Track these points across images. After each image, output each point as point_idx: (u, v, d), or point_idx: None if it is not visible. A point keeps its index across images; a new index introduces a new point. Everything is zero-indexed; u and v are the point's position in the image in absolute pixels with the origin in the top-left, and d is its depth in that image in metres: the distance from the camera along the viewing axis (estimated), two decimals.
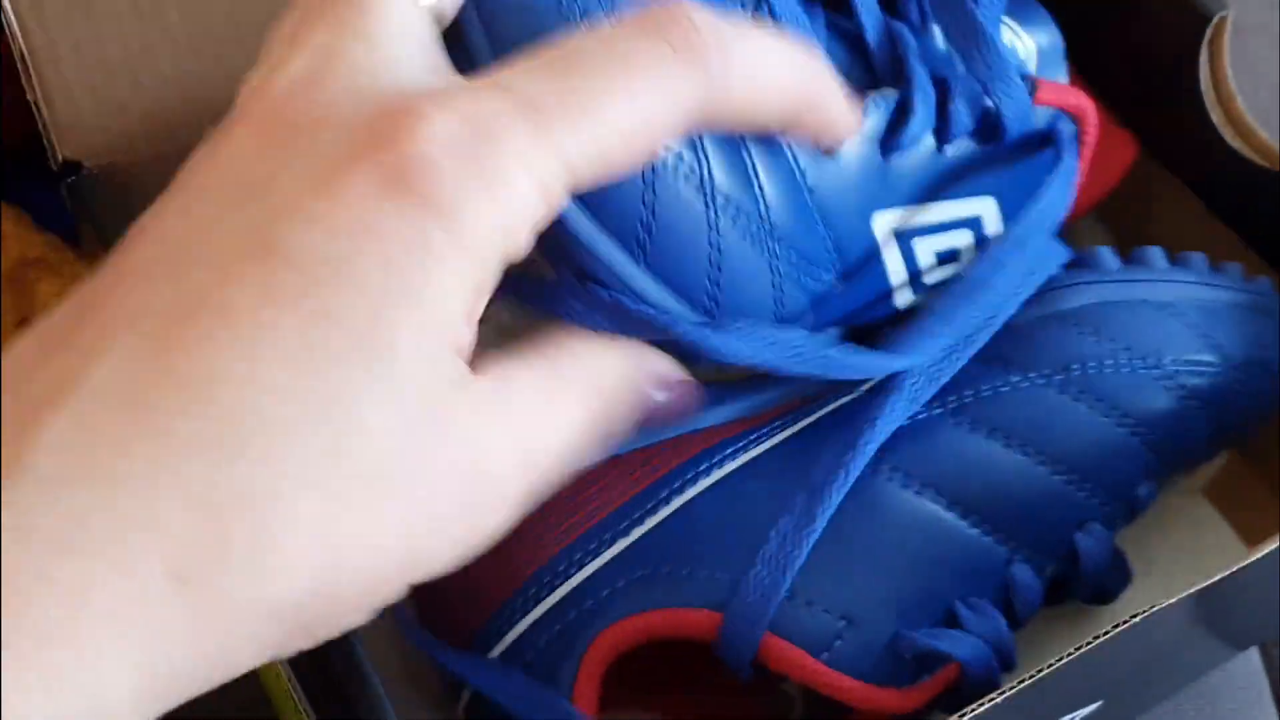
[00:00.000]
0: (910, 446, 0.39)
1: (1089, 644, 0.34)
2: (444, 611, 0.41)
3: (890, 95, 0.37)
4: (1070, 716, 0.40)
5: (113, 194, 0.39)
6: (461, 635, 0.40)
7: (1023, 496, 0.39)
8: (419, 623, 0.41)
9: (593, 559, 0.39)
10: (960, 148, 0.39)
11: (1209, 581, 0.34)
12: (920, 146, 0.38)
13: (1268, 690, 0.51)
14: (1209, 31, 0.44)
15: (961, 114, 0.38)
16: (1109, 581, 0.40)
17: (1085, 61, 0.50)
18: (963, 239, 0.39)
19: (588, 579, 0.39)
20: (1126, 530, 0.42)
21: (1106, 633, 0.34)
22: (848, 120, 0.33)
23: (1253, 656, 0.51)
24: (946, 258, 0.39)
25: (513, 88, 0.25)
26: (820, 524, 0.37)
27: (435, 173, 0.24)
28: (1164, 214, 0.50)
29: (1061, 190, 0.39)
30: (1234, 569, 0.35)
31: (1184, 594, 0.34)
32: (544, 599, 0.39)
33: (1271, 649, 0.51)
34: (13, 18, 0.35)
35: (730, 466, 0.39)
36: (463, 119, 0.25)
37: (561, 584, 0.39)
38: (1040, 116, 0.40)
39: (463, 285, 0.25)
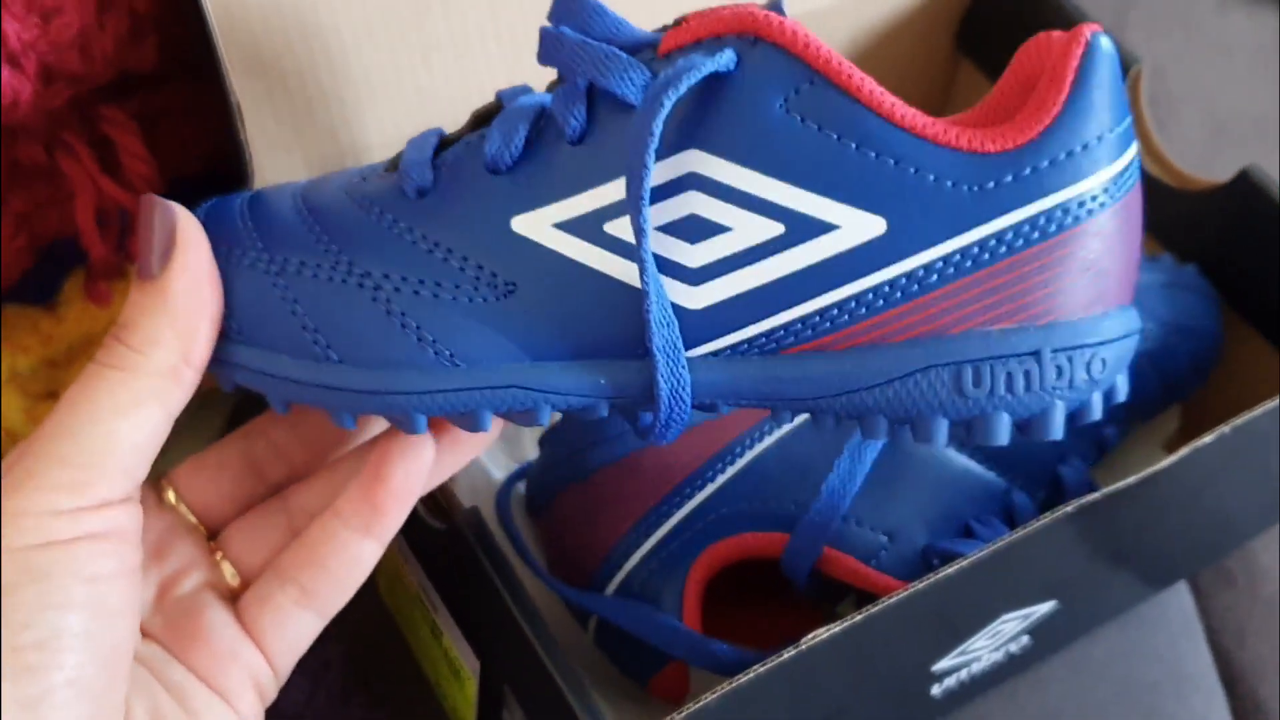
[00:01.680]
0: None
1: (992, 546, 0.42)
2: (566, 558, 0.51)
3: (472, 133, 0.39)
4: (1017, 613, 0.50)
5: None
6: (582, 575, 0.51)
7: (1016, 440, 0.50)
8: (549, 570, 0.52)
9: (687, 502, 0.50)
10: (604, 135, 0.37)
11: (1092, 496, 0.43)
12: (546, 151, 0.37)
13: (1200, 629, 0.61)
14: (1128, 81, 0.56)
15: (566, 113, 0.37)
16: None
17: None
18: (691, 203, 0.36)
19: (683, 519, 0.50)
20: (1102, 479, 0.53)
21: (1011, 536, 0.43)
22: None
23: (1185, 598, 0.61)
24: (687, 227, 0.36)
25: None
26: (868, 463, 0.48)
27: None
28: None
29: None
30: (1113, 487, 0.43)
31: (1070, 505, 0.43)
32: (650, 535, 0.50)
33: (1203, 598, 0.62)
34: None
35: (787, 428, 0.50)
36: None
37: (663, 524, 0.50)
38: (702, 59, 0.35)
39: None
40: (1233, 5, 0.81)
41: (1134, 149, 0.37)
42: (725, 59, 0.35)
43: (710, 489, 0.49)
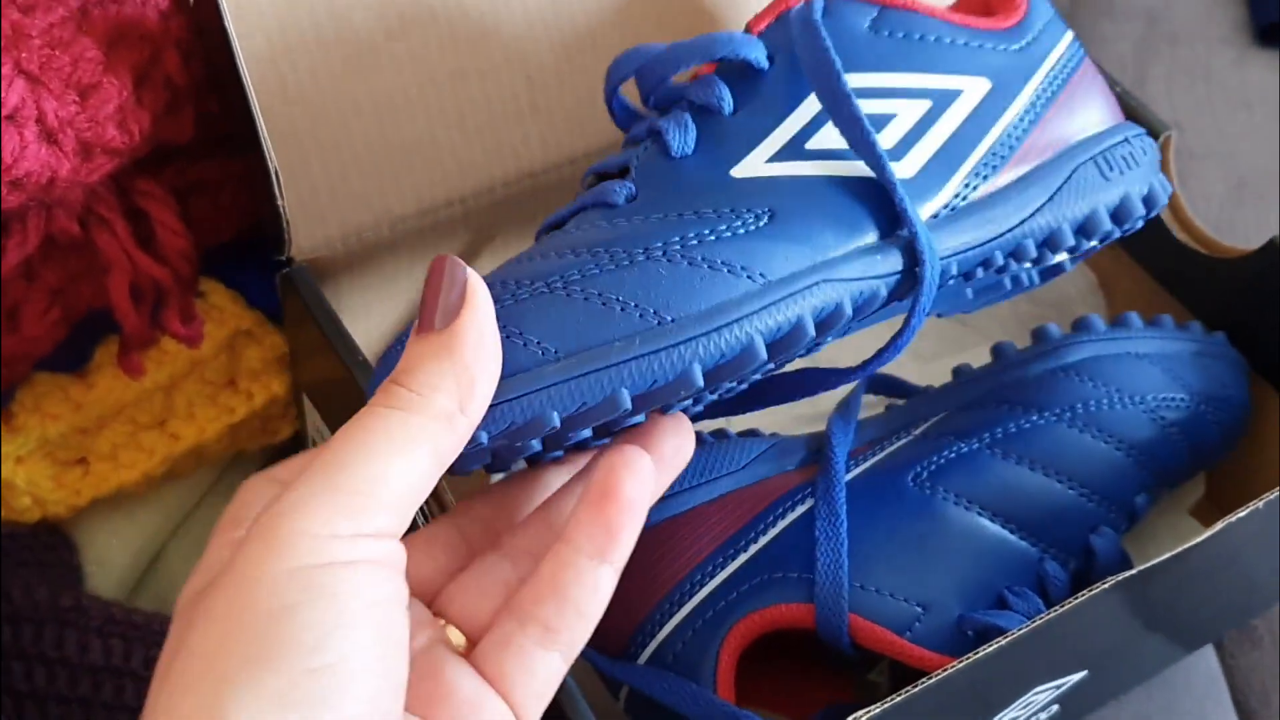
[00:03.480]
0: (959, 474, 0.50)
1: (1031, 625, 0.43)
2: (599, 626, 0.51)
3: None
4: (1049, 684, 0.50)
5: (315, 280, 0.49)
6: (615, 643, 0.50)
7: (1047, 508, 0.50)
8: None
9: (720, 571, 0.49)
10: (751, 95, 0.45)
11: (1128, 573, 0.44)
12: (713, 127, 0.44)
13: (1225, 690, 0.61)
14: (1158, 145, 0.56)
15: (710, 95, 0.44)
16: (1118, 574, 0.51)
17: None
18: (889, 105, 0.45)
19: (716, 589, 0.49)
20: (1129, 545, 0.53)
21: (1049, 614, 0.43)
22: None
23: (1210, 660, 0.61)
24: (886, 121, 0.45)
25: None
26: (843, 539, 0.48)
27: None
28: (1126, 291, 0.62)
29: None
30: (1149, 564, 0.44)
31: (1107, 581, 0.43)
32: (684, 604, 0.49)
33: (1228, 657, 0.62)
34: (271, 149, 0.46)
35: (809, 503, 0.50)
36: None
37: (696, 592, 0.49)
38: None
39: None
40: (1252, 59, 0.81)
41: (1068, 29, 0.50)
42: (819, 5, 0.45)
43: (743, 559, 0.49)
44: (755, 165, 0.44)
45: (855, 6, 0.45)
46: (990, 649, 0.42)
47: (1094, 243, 0.47)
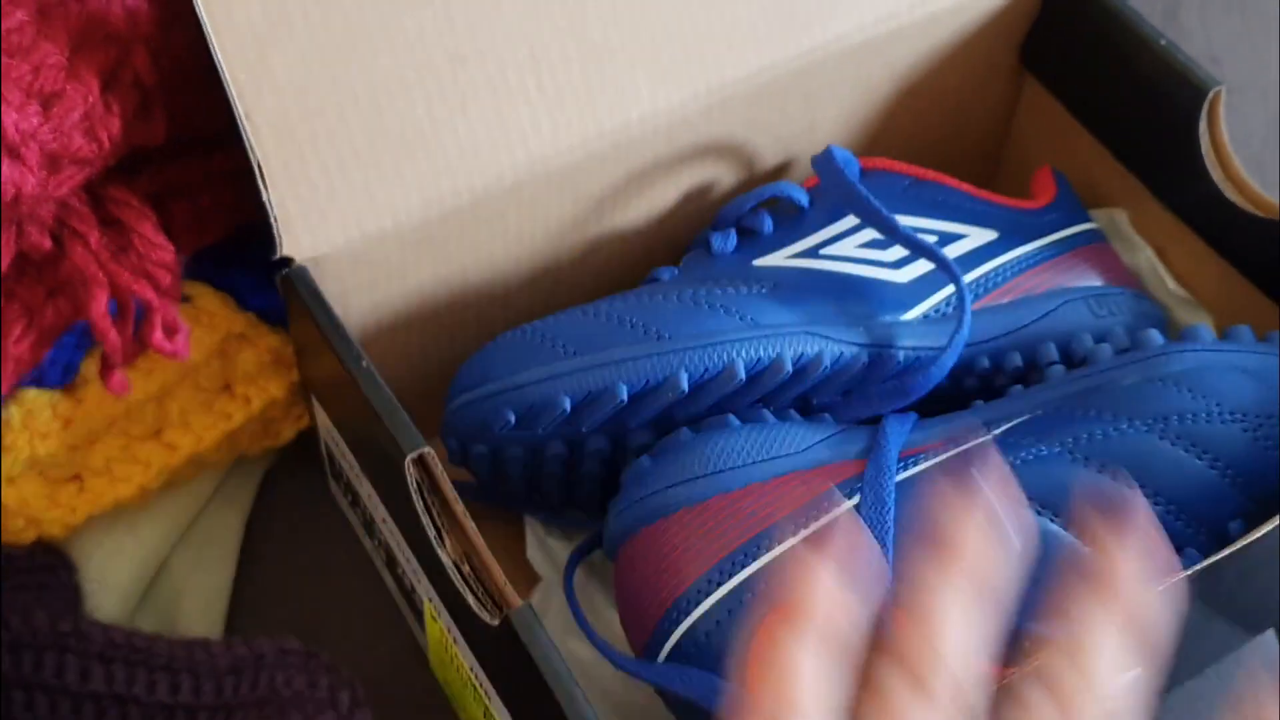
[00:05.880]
0: (1034, 477, 0.46)
1: None
2: (635, 601, 0.48)
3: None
4: None
5: (315, 280, 0.46)
6: (649, 620, 0.47)
7: None
8: (620, 612, 0.49)
9: (752, 561, 0.46)
10: (784, 226, 0.54)
11: (1203, 563, 0.41)
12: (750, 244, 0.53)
13: None
14: (1206, 103, 0.52)
15: (761, 221, 0.53)
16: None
17: (1105, 129, 0.59)
18: (869, 232, 0.53)
19: (757, 570, 0.46)
20: None
21: None
22: None
23: (1267, 635, 0.58)
24: (876, 243, 0.53)
25: None
26: (889, 526, 0.46)
27: None
28: (1174, 255, 0.58)
29: None
30: (1225, 552, 0.41)
31: (1180, 574, 0.40)
32: (722, 584, 0.46)
33: None
34: (256, 144, 0.43)
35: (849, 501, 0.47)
36: None
37: (737, 573, 0.46)
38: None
39: None
40: None
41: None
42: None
43: (790, 543, 0.46)
44: (776, 260, 0.52)
45: (892, 176, 0.55)
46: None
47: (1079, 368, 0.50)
